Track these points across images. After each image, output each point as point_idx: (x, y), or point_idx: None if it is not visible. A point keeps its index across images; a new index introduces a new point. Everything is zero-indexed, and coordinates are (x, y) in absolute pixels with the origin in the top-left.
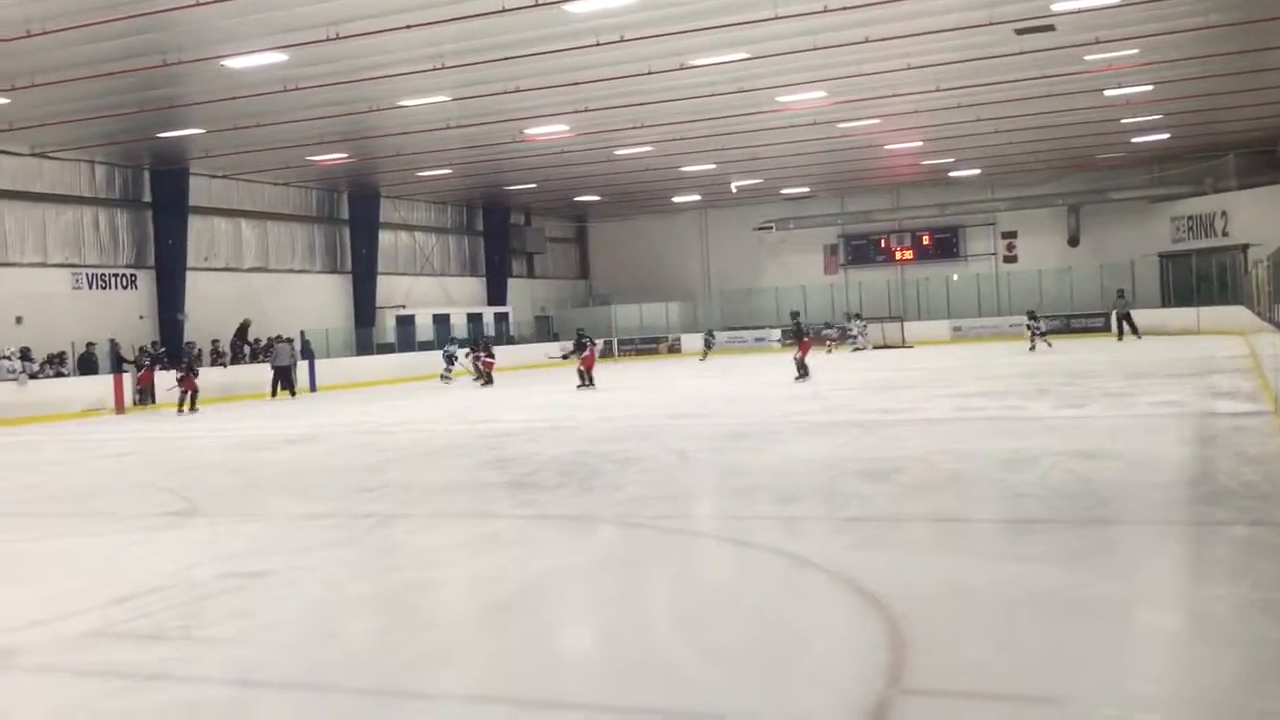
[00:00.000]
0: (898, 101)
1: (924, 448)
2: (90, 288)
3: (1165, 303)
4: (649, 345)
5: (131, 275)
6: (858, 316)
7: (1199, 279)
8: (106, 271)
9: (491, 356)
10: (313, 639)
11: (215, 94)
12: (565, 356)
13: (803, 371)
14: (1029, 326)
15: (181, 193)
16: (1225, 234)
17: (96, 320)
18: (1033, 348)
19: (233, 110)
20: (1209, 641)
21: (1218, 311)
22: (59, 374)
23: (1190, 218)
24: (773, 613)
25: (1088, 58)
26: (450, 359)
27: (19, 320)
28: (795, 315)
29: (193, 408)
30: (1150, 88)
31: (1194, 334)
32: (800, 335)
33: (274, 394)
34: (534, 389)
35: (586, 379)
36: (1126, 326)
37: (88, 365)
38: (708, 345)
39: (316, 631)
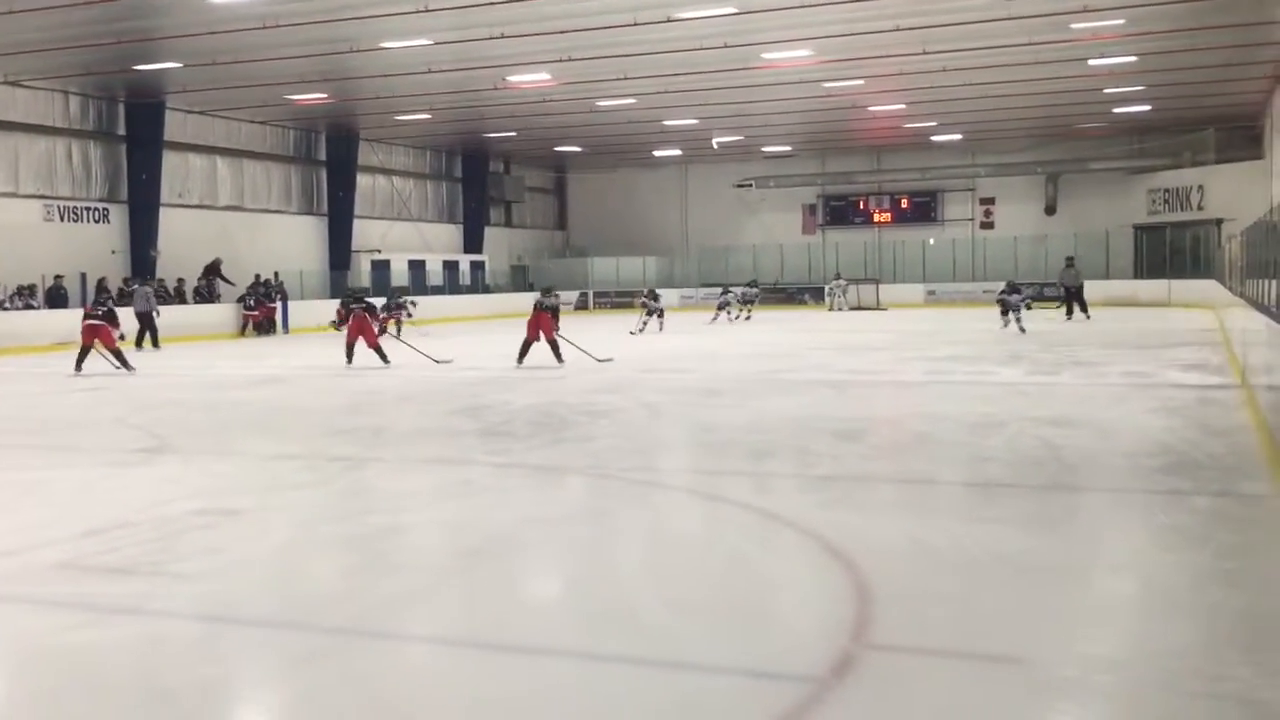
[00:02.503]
0: (884, 63)
1: (895, 409)
2: (62, 220)
3: (1138, 274)
4: (624, 299)
5: (104, 209)
6: (838, 277)
7: (1172, 251)
8: (79, 204)
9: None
10: (282, 577)
11: (193, 28)
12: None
13: (349, 357)
14: (1001, 300)
15: (157, 127)
16: (1200, 208)
17: (68, 253)
18: (1005, 324)
19: (211, 45)
20: (1167, 608)
21: (1189, 284)
22: (28, 306)
23: (1166, 190)
24: (741, 566)
25: (1074, 25)
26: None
27: None
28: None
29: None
30: (1134, 59)
31: (1165, 306)
32: (365, 313)
33: (139, 344)
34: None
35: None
36: (1075, 301)
37: (56, 299)
38: (649, 311)
39: (286, 570)
